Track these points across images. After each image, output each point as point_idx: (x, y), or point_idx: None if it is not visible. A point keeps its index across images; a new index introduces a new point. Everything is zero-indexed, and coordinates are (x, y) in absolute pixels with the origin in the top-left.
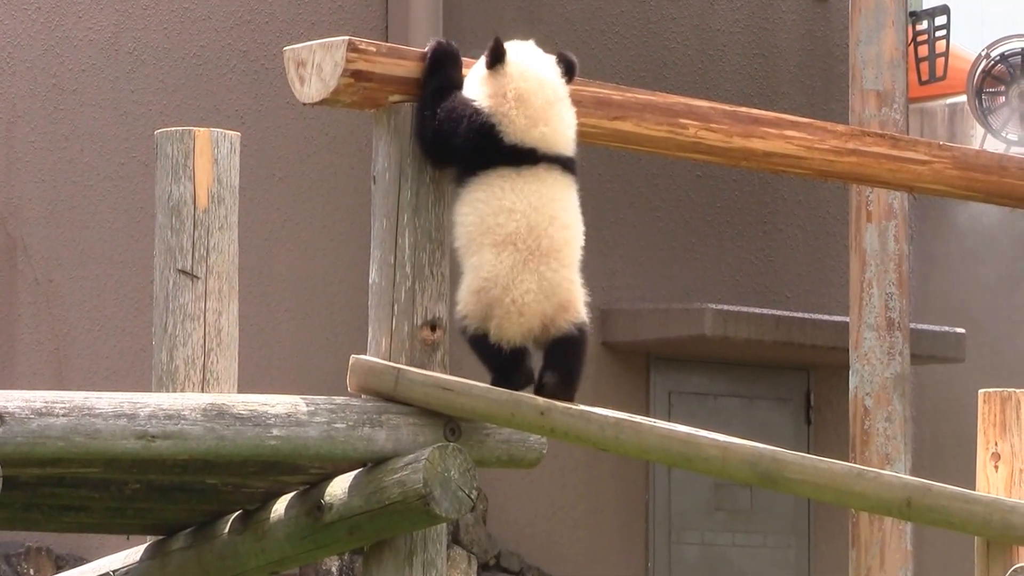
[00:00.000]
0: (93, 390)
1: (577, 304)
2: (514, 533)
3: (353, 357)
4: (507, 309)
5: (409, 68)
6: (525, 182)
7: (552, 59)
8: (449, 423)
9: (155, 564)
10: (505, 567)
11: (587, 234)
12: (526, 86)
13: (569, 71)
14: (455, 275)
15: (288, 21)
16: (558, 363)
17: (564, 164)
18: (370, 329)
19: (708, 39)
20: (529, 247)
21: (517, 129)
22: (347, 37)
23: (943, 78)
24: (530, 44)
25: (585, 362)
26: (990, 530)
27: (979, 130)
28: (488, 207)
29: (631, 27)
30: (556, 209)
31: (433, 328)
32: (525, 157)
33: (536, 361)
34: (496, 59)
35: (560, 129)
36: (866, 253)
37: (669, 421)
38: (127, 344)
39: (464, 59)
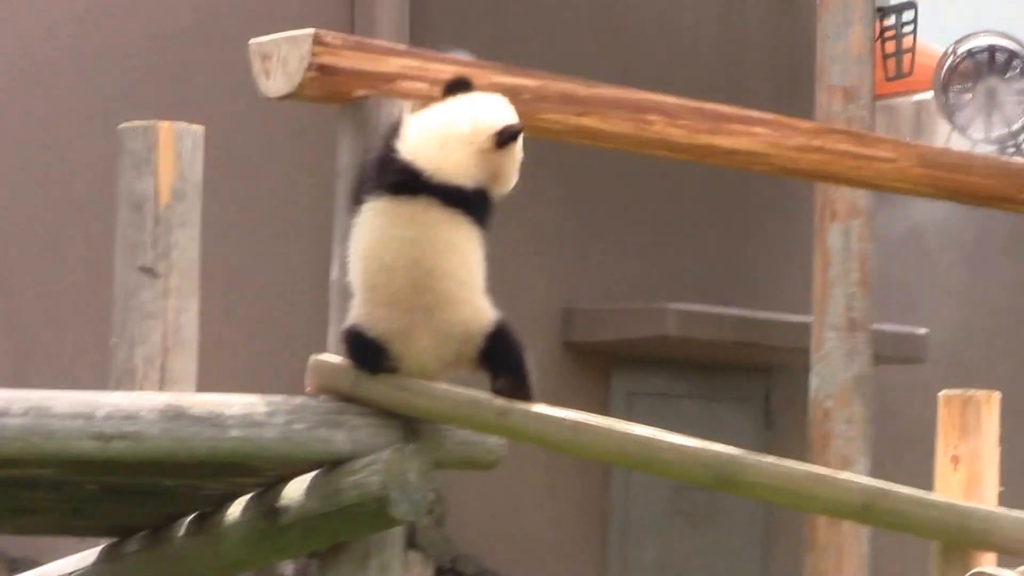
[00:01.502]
0: (52, 388)
1: (477, 328)
2: (472, 536)
3: (312, 357)
4: (409, 368)
5: (375, 62)
6: (402, 228)
7: (502, 122)
8: (408, 424)
9: (109, 567)
10: (461, 571)
11: (550, 232)
12: (450, 114)
13: (503, 138)
14: None
15: (253, 14)
16: (498, 368)
17: (449, 197)
18: (331, 328)
19: (675, 34)
20: (415, 305)
21: (413, 143)
22: (313, 30)
23: (910, 74)
24: (501, 100)
25: (523, 353)
26: (948, 534)
27: (944, 127)
28: (371, 261)
29: (598, 22)
30: (435, 258)
31: None
32: (408, 183)
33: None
34: (454, 89)
35: (454, 158)
36: (829, 252)
37: (629, 422)
38: (86, 342)
39: (433, 52)
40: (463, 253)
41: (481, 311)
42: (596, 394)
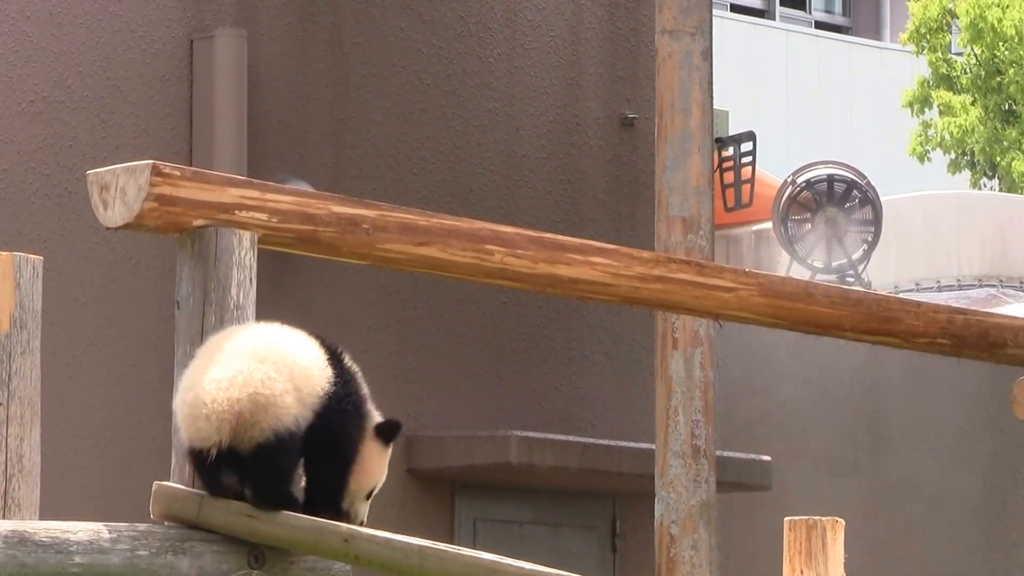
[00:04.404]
0: None
1: (279, 411)
2: None
3: (156, 483)
4: (191, 404)
5: (214, 192)
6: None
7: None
8: (253, 550)
9: None
10: None
11: (393, 360)
12: None
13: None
14: None
15: (92, 144)
16: (251, 473)
17: None
18: (173, 455)
19: (514, 164)
20: (221, 348)
21: None
22: (151, 161)
23: (749, 204)
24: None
25: (281, 469)
26: None
27: (785, 257)
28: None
29: (437, 152)
30: (259, 331)
31: None
32: None
33: None
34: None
35: None
36: (672, 380)
37: (474, 549)
38: None
39: (271, 183)
40: (286, 337)
41: (290, 406)
42: (441, 521)
